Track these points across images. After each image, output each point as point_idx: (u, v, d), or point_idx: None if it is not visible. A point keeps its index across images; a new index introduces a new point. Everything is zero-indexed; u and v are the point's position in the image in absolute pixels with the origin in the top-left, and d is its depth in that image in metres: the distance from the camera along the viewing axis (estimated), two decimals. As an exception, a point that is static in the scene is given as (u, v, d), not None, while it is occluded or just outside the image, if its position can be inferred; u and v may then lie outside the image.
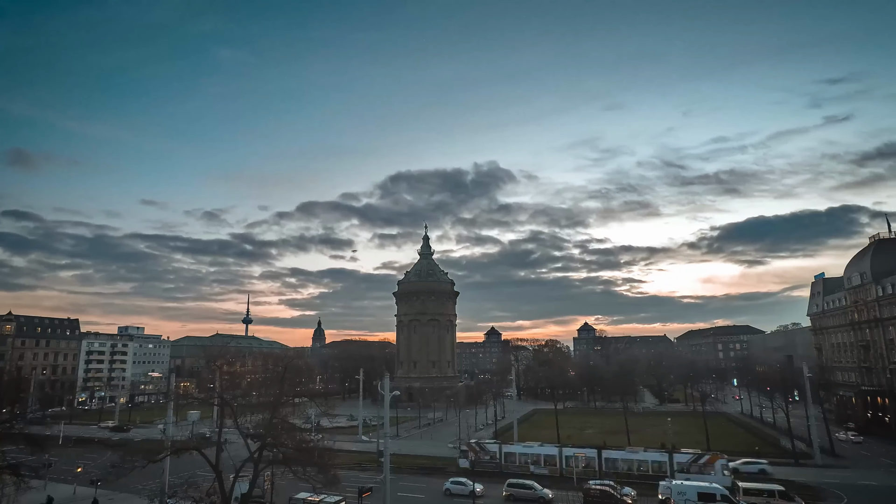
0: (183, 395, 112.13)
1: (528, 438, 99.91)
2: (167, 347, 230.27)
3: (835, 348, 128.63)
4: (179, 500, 47.47)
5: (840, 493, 61.54)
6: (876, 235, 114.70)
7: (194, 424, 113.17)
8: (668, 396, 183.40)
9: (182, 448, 49.12)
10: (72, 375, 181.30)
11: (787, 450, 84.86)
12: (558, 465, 70.85)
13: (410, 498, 61.99)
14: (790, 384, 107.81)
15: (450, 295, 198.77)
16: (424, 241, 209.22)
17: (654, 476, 63.93)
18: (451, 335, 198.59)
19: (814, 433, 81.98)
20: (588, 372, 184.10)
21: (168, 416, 67.67)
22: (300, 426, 56.30)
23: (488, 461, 75.23)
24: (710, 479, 60.54)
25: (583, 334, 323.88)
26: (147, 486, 60.04)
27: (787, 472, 72.24)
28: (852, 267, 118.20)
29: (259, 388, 68.73)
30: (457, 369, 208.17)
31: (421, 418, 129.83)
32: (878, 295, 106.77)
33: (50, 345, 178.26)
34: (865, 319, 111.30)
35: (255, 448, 43.67)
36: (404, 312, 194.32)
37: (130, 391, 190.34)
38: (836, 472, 72.54)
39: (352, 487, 54.74)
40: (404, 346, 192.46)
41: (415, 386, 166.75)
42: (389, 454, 53.00)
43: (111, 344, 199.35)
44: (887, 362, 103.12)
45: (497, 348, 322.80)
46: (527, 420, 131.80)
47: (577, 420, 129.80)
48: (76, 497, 62.07)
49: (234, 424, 46.40)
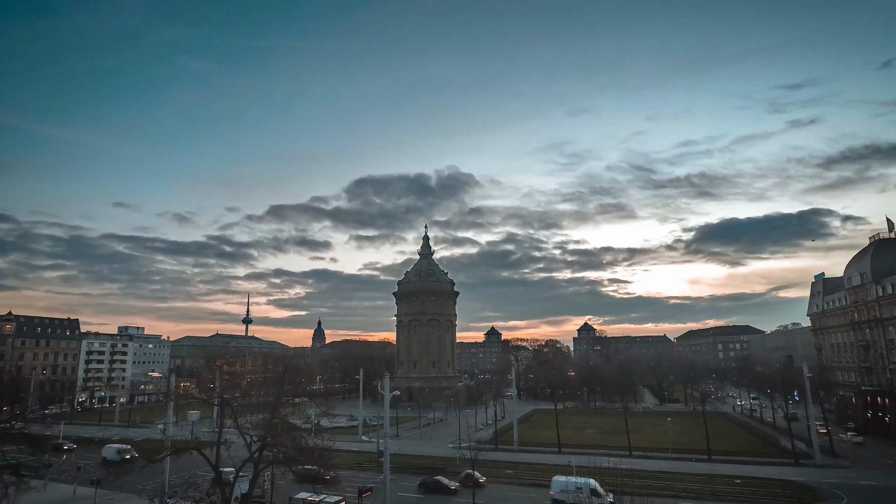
0: (183, 395, 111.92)
1: (528, 439, 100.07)
2: (167, 347, 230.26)
3: (835, 348, 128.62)
4: (179, 500, 47.48)
5: (840, 493, 61.49)
6: (876, 235, 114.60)
7: (194, 424, 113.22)
8: (668, 396, 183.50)
9: (182, 448, 49.16)
10: (72, 375, 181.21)
11: (787, 450, 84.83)
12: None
13: (410, 498, 61.98)
14: (790, 384, 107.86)
15: (450, 295, 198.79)
16: (424, 241, 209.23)
17: None
18: (451, 335, 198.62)
19: (814, 433, 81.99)
20: (588, 372, 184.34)
21: (168, 416, 67.67)
22: (300, 426, 56.26)
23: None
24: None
25: (583, 334, 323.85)
26: (147, 486, 60.08)
27: (787, 472, 72.29)
28: (852, 267, 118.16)
29: (259, 388, 68.72)
30: (457, 369, 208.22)
31: (421, 418, 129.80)
32: (878, 295, 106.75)
33: (50, 345, 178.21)
34: (865, 319, 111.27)
35: (255, 448, 43.67)
36: (404, 312, 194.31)
37: (130, 391, 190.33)
38: (836, 472, 72.49)
39: (352, 487, 54.79)
40: (404, 346, 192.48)
41: (415, 386, 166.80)
42: (389, 454, 53.04)
43: (111, 344, 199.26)
44: (887, 362, 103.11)
45: (497, 348, 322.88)
46: (527, 420, 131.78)
47: (577, 420, 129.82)
48: (76, 497, 62.06)
49: (234, 424, 46.39)
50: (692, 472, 73.01)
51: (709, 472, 71.95)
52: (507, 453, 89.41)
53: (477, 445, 78.77)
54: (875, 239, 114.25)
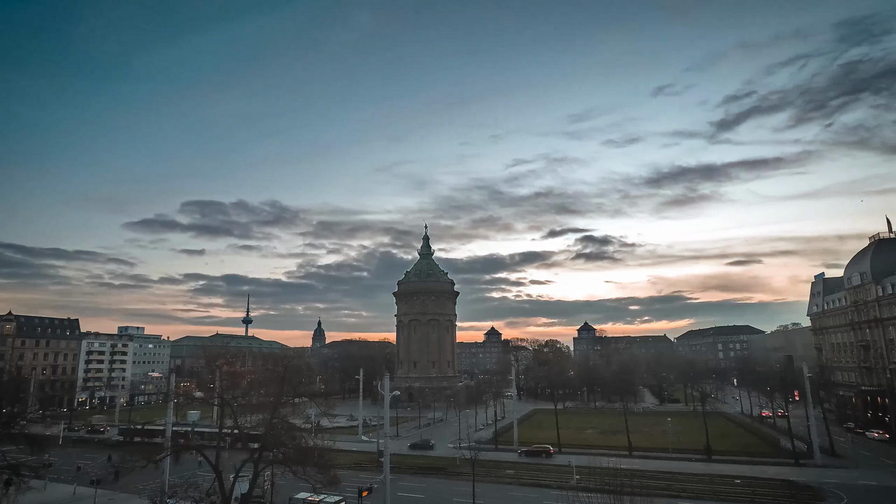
0: (183, 394, 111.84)
1: (528, 439, 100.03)
2: (167, 347, 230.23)
3: (835, 348, 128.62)
4: (179, 500, 47.51)
5: (840, 493, 61.50)
6: (876, 235, 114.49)
7: (194, 424, 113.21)
8: (667, 396, 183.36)
9: (182, 448, 49.19)
10: (72, 375, 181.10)
11: (787, 450, 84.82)
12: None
13: (410, 498, 61.97)
14: (790, 384, 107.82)
15: (450, 295, 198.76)
16: (424, 241, 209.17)
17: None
18: (451, 335, 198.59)
19: (814, 433, 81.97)
20: (588, 372, 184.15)
21: (168, 416, 67.66)
22: (300, 426, 56.28)
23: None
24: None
25: (583, 334, 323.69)
26: (147, 486, 60.15)
27: (787, 472, 72.29)
28: (852, 267, 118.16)
29: (259, 388, 68.65)
30: (457, 369, 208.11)
31: (421, 418, 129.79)
32: (878, 295, 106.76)
33: (50, 345, 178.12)
34: (865, 319, 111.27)
35: (255, 448, 43.68)
36: (404, 312, 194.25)
37: (130, 391, 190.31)
38: (836, 472, 72.47)
39: (352, 487, 54.82)
40: (404, 346, 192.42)
41: (415, 386, 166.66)
42: (389, 454, 53.04)
43: (111, 344, 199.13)
44: (887, 362, 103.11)
45: (497, 348, 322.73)
46: (527, 420, 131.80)
47: (577, 420, 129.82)
48: (76, 497, 62.09)
49: (234, 424, 46.40)
50: (692, 472, 73.03)
51: (709, 472, 72.01)
52: (507, 453, 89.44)
53: (477, 445, 78.76)
54: (875, 239, 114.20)
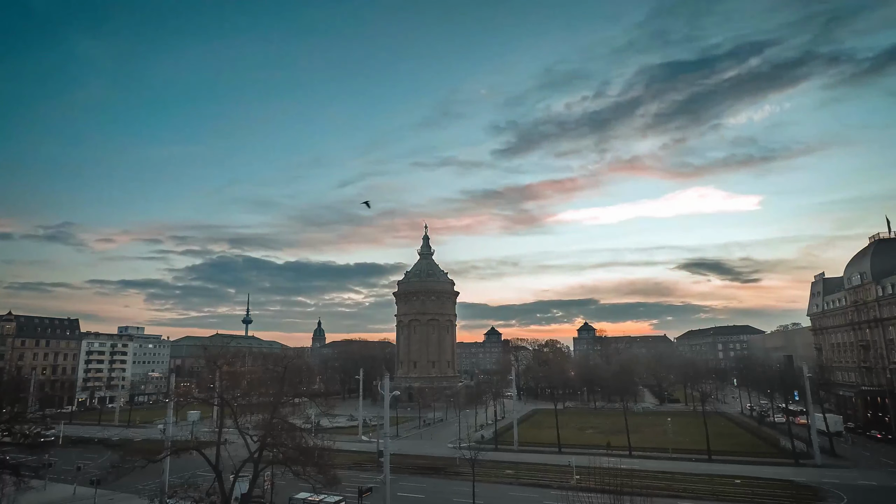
0: (183, 394, 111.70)
1: (528, 439, 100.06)
2: (167, 347, 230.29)
3: (835, 348, 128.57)
4: (179, 500, 47.45)
5: (840, 493, 61.49)
6: (876, 235, 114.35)
7: (194, 424, 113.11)
8: (667, 396, 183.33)
9: (182, 448, 49.11)
10: (72, 375, 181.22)
11: (787, 450, 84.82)
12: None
13: (410, 498, 61.97)
14: (790, 384, 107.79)
15: (450, 295, 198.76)
16: (424, 241, 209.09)
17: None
18: (451, 335, 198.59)
19: (814, 433, 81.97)
20: (588, 372, 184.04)
21: (168, 416, 67.61)
22: (300, 426, 56.22)
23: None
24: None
25: (583, 334, 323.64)
26: (147, 486, 60.09)
27: (787, 472, 72.28)
28: (852, 267, 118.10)
29: (259, 388, 68.62)
30: (457, 369, 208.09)
31: (421, 418, 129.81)
32: (878, 295, 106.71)
33: (50, 345, 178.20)
34: (865, 319, 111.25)
35: (254, 448, 43.65)
36: (404, 312, 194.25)
37: (130, 391, 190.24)
38: (836, 472, 72.48)
39: (352, 487, 54.80)
40: (404, 346, 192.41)
41: (415, 386, 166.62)
42: (389, 454, 53.02)
43: (111, 344, 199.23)
44: (887, 362, 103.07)
45: (497, 348, 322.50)
46: (527, 420, 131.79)
47: (577, 420, 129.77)
48: (76, 497, 62.07)
49: (234, 424, 46.34)
50: (692, 472, 73.01)
51: (709, 472, 71.99)
52: (507, 453, 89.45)
53: (477, 445, 78.72)
54: (875, 239, 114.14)
